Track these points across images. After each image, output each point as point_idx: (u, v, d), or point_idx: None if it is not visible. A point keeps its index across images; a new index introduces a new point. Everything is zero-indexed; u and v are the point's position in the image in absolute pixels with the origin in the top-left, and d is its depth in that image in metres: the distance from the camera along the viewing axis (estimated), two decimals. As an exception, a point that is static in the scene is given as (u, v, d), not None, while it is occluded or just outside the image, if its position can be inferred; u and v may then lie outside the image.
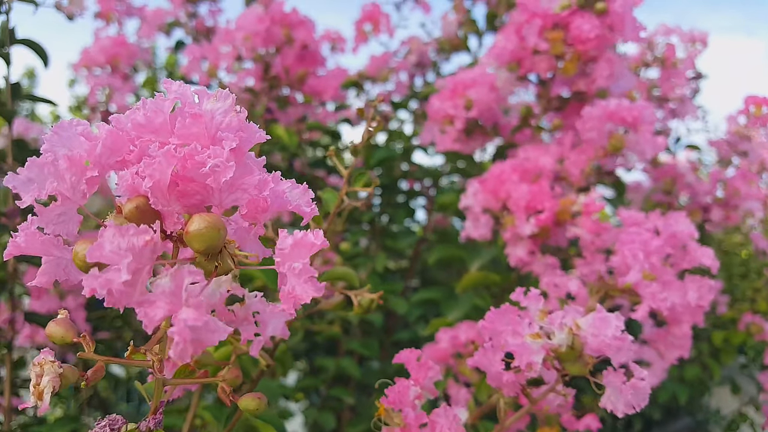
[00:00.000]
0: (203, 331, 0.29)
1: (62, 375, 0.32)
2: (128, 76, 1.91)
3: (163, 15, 1.96)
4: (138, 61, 2.01)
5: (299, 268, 0.33)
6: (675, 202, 1.60)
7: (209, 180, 0.32)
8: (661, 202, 1.63)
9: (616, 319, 0.50)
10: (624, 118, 0.89)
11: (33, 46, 1.07)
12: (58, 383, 0.32)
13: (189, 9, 1.85)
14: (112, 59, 1.89)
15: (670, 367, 1.56)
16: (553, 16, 0.95)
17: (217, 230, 0.31)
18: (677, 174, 1.52)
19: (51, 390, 0.31)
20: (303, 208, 0.36)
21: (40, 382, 0.31)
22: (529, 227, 0.83)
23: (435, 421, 0.47)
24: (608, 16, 0.95)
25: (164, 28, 1.95)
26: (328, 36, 1.84)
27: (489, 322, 0.51)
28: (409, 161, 1.58)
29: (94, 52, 1.88)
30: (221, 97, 0.36)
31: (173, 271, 0.29)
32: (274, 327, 0.43)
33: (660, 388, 1.50)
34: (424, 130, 1.10)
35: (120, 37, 1.94)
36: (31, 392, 0.31)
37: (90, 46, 1.89)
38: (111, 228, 0.30)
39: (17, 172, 0.32)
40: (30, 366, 0.32)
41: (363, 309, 0.61)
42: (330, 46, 1.88)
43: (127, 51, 1.99)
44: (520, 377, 0.48)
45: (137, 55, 2.04)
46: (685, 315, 0.76)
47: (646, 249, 0.67)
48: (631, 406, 0.51)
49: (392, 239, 1.43)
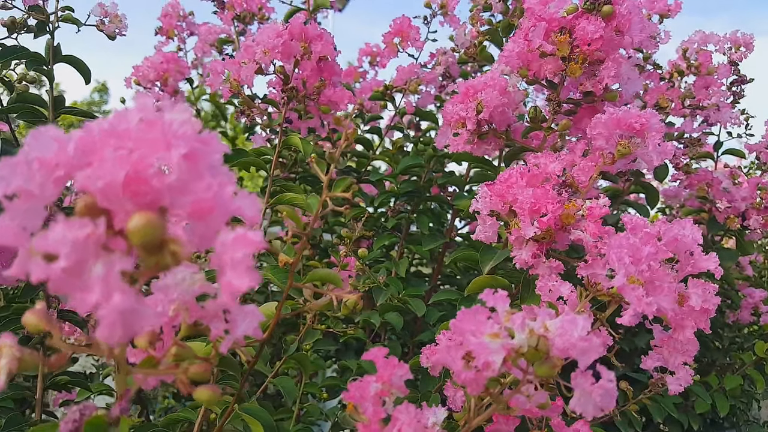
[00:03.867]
0: (131, 316, 0.32)
1: (20, 359, 0.36)
2: (177, 91, 2.00)
3: (215, 32, 2.05)
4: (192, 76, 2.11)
5: (237, 259, 0.36)
6: (714, 209, 1.55)
7: (154, 181, 0.36)
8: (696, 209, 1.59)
9: (584, 321, 0.51)
10: (632, 125, 0.89)
11: (75, 63, 1.15)
12: (15, 366, 0.36)
13: (239, 26, 1.92)
14: (162, 75, 1.99)
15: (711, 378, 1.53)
16: (559, 19, 0.96)
17: (153, 227, 0.34)
18: (713, 180, 1.48)
19: (7, 371, 0.35)
20: (245, 212, 0.39)
21: (-1, 365, 0.35)
22: (532, 229, 0.83)
23: (397, 417, 0.49)
24: (615, 19, 0.95)
25: (216, 44, 2.03)
26: (368, 50, 1.89)
27: (458, 320, 0.53)
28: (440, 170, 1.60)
29: (145, 68, 1.99)
30: (181, 110, 0.39)
31: (104, 259, 0.32)
32: (246, 326, 0.46)
33: (698, 398, 1.46)
34: (439, 133, 1.12)
35: (170, 53, 2.05)
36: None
37: (142, 62, 2.00)
38: (60, 222, 0.33)
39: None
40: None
41: (348, 309, 0.64)
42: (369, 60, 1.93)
43: (176, 67, 2.09)
44: (479, 376, 0.49)
45: (187, 72, 2.14)
46: (688, 320, 0.75)
47: (636, 254, 0.66)
48: (599, 408, 0.51)
49: (416, 244, 1.45)
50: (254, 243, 0.37)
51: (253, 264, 0.37)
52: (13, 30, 1.04)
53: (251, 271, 0.36)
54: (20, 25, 1.04)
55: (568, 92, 1.06)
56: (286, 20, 1.59)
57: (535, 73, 1.02)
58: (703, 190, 1.54)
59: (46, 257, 0.33)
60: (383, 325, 1.31)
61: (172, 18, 2.06)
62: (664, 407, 1.35)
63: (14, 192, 0.36)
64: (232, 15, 1.68)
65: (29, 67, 1.05)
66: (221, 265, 0.37)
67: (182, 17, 2.07)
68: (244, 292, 0.37)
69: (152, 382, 0.49)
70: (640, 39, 0.93)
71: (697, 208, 1.65)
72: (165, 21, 2.07)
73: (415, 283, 1.43)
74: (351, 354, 1.60)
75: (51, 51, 1.08)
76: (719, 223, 1.54)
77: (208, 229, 0.39)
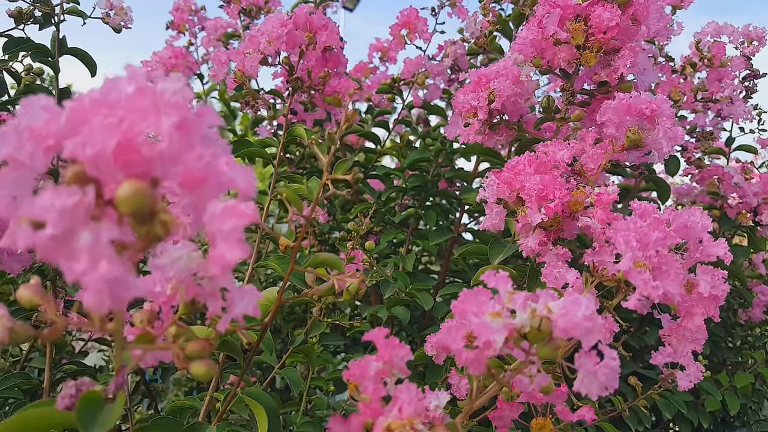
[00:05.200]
0: (119, 284, 0.31)
1: (11, 329, 0.36)
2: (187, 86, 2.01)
3: (222, 26, 2.05)
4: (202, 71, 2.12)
5: (226, 230, 0.35)
6: (725, 205, 1.53)
7: (145, 150, 0.35)
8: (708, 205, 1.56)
9: (587, 301, 0.50)
10: (642, 110, 0.87)
11: (81, 55, 1.15)
12: (6, 336, 0.35)
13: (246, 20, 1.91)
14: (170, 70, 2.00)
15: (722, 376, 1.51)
16: (574, 6, 0.94)
17: (142, 196, 0.34)
18: (724, 175, 1.46)
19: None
20: (239, 183, 0.38)
21: (-11, 335, 0.35)
22: (539, 216, 0.82)
23: (397, 396, 0.48)
24: (631, 7, 0.94)
25: (222, 39, 2.03)
26: (378, 46, 1.88)
27: (460, 302, 0.52)
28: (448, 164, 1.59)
29: (153, 63, 1.99)
30: (173, 79, 0.39)
31: (92, 227, 0.32)
32: (244, 305, 0.45)
33: (709, 396, 1.44)
34: (449, 123, 1.11)
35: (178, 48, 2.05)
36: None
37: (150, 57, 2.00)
38: (48, 189, 0.33)
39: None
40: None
41: (350, 294, 0.63)
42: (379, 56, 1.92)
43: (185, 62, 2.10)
44: (480, 355, 0.48)
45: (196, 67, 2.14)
46: (697, 307, 0.74)
47: (643, 239, 0.65)
48: (604, 387, 0.50)
49: (424, 239, 1.44)
50: (244, 214, 0.36)
51: (243, 236, 0.36)
52: (20, 21, 1.04)
53: (242, 242, 0.36)
54: (27, 16, 1.04)
55: (582, 83, 1.05)
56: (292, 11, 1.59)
57: (549, 62, 1.00)
58: (714, 185, 1.52)
59: (34, 224, 0.33)
60: (390, 320, 1.30)
61: (184, 12, 2.07)
62: (674, 404, 1.33)
63: (3, 160, 0.36)
64: (238, 9, 1.68)
65: (35, 59, 1.05)
66: (212, 237, 0.36)
67: (194, 11, 2.07)
68: (234, 264, 0.36)
69: (150, 360, 0.48)
70: (657, 28, 0.92)
71: (708, 205, 1.63)
72: (176, 15, 2.08)
73: (423, 278, 1.42)
74: (359, 349, 1.59)
75: (56, 43, 1.09)
76: (731, 219, 1.52)
77: (201, 201, 0.38)
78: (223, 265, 0.36)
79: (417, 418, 0.46)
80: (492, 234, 1.14)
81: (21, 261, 0.91)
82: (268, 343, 0.77)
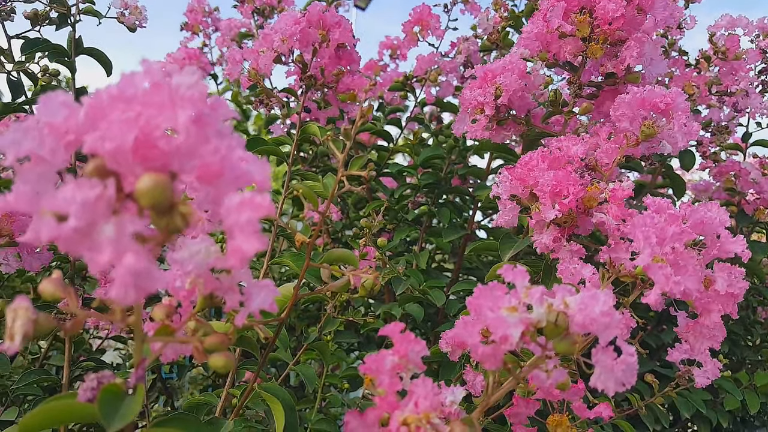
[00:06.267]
0: (143, 277, 0.32)
1: (35, 321, 0.36)
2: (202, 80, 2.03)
3: (236, 26, 2.06)
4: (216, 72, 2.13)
5: (243, 222, 0.36)
6: (742, 201, 1.51)
7: (162, 144, 0.35)
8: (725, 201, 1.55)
9: (605, 296, 0.49)
10: (656, 104, 0.87)
11: (97, 55, 1.16)
12: (31, 328, 0.36)
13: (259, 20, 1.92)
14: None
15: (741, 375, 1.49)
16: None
17: (162, 188, 0.34)
18: (741, 171, 1.44)
19: (23, 333, 0.35)
20: (254, 176, 0.38)
21: (14, 326, 0.35)
22: (552, 212, 0.82)
23: (413, 390, 0.48)
24: (636, -3, 0.93)
25: (236, 38, 2.04)
26: (388, 43, 1.88)
27: (475, 297, 0.52)
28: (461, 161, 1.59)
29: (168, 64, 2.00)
30: (188, 73, 0.39)
31: (115, 220, 0.32)
32: (261, 300, 0.46)
33: (728, 395, 1.43)
34: (457, 120, 1.10)
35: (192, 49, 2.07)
36: (6, 335, 0.35)
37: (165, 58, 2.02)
38: (70, 182, 0.33)
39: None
40: (7, 313, 0.36)
41: (366, 290, 0.63)
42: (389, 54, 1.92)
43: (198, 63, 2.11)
44: (497, 350, 0.48)
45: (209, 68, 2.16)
46: (714, 304, 0.73)
47: (660, 234, 0.64)
48: (621, 383, 0.50)
49: (437, 237, 1.44)
50: (260, 206, 0.37)
51: (259, 228, 0.36)
52: (36, 22, 1.06)
53: (258, 234, 0.36)
54: (43, 17, 1.06)
55: (589, 76, 1.04)
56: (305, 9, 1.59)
57: (555, 55, 1.00)
58: (731, 181, 1.50)
59: (57, 217, 0.33)
60: (404, 317, 1.30)
61: (198, 13, 2.08)
62: (693, 403, 1.31)
63: (26, 155, 0.37)
64: (252, 8, 1.69)
65: (51, 59, 1.06)
66: (229, 229, 0.37)
67: (208, 13, 2.09)
68: (251, 256, 0.36)
69: (170, 354, 0.49)
70: (663, 17, 0.91)
71: (725, 201, 1.61)
72: (190, 16, 2.09)
73: (436, 276, 1.42)
74: (373, 346, 1.59)
75: (73, 43, 1.10)
76: (748, 215, 1.50)
77: (218, 194, 0.38)
78: (240, 256, 0.36)
79: (433, 412, 0.46)
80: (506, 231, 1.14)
81: (40, 259, 0.92)
82: (284, 339, 0.77)
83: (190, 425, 0.48)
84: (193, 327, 0.51)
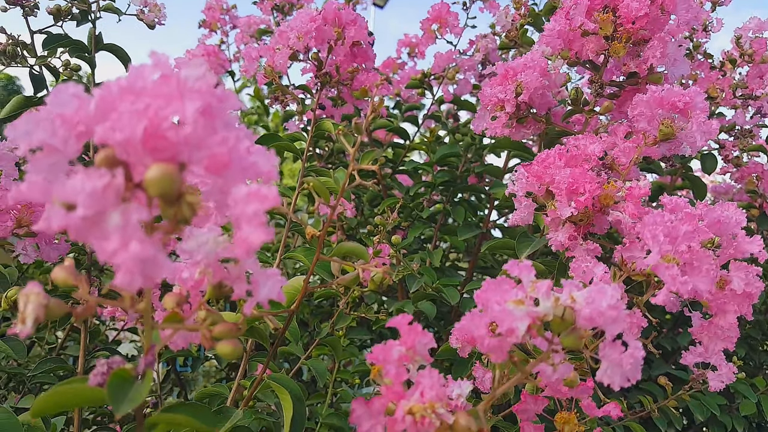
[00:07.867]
0: (149, 263, 0.32)
1: (47, 306, 0.37)
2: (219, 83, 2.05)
3: (255, 23, 2.08)
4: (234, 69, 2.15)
5: (249, 213, 0.36)
6: (764, 204, 1.49)
7: (170, 134, 0.36)
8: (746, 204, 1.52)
9: (613, 290, 0.49)
10: (675, 103, 0.86)
11: (116, 51, 1.18)
12: (42, 313, 0.36)
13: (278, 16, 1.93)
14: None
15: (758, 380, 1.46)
16: (602, -3, 0.93)
17: (170, 178, 0.35)
18: (763, 173, 1.42)
19: (34, 317, 0.36)
20: (261, 167, 0.39)
21: (26, 310, 0.36)
22: (568, 210, 0.81)
23: (419, 381, 0.48)
24: (660, -4, 0.92)
25: (255, 35, 2.05)
26: (406, 41, 1.88)
27: (482, 291, 0.52)
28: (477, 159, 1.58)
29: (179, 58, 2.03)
30: (195, 65, 0.40)
31: (122, 208, 0.33)
32: (269, 290, 0.46)
33: (744, 399, 1.40)
34: (476, 117, 1.10)
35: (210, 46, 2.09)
36: (18, 318, 0.36)
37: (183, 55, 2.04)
38: (79, 172, 0.34)
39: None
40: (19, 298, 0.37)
41: (375, 284, 0.63)
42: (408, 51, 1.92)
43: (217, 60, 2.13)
44: (503, 342, 0.48)
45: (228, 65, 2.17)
46: (730, 304, 0.72)
47: (672, 233, 0.64)
48: (627, 378, 0.50)
49: (452, 235, 1.44)
50: (267, 198, 0.37)
51: (266, 219, 0.37)
52: (59, 18, 1.08)
53: (265, 225, 0.36)
54: (65, 13, 1.07)
55: (611, 75, 1.03)
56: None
57: (577, 54, 0.99)
58: (753, 183, 1.48)
59: (66, 206, 0.34)
60: (417, 315, 1.30)
61: (216, 11, 2.10)
62: (707, 407, 1.29)
63: (38, 145, 0.37)
64: (271, 5, 1.70)
65: (72, 54, 1.08)
66: (236, 220, 0.37)
67: (225, 10, 2.11)
68: (258, 246, 0.37)
69: (180, 341, 0.50)
70: (687, 18, 0.90)
71: (746, 203, 1.59)
72: (208, 14, 2.11)
73: (450, 274, 1.41)
74: (386, 343, 1.59)
75: (93, 39, 1.12)
76: (770, 217, 1.48)
77: (226, 184, 0.39)
78: (247, 247, 0.37)
79: (438, 402, 0.46)
80: (522, 229, 1.14)
81: (58, 250, 0.94)
82: (294, 332, 0.78)
83: (199, 413, 0.49)
84: (203, 316, 0.51)
